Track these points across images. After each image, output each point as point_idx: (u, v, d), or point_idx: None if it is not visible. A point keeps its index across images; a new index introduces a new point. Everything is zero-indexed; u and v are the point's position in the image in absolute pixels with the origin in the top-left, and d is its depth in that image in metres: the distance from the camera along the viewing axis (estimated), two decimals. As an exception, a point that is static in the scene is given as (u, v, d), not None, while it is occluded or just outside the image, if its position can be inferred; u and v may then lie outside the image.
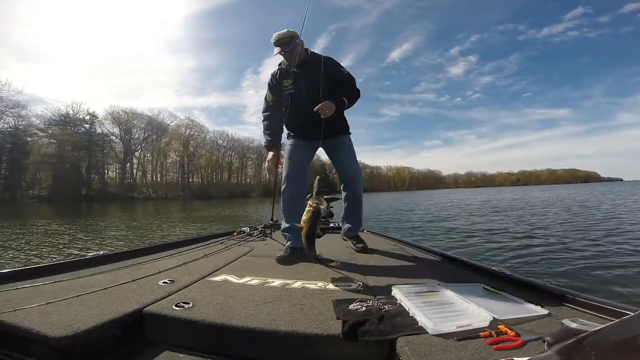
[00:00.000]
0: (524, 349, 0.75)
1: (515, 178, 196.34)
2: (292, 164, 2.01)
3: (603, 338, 0.43)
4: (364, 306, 1.02)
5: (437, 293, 1.16)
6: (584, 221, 8.40)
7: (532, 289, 1.22)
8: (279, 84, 2.02)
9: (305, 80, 1.94)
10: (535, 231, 7.04)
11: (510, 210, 12.57)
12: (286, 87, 1.99)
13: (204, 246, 2.17)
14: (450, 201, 22.60)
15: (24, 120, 43.11)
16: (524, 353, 0.73)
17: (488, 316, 0.91)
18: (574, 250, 4.98)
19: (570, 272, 3.85)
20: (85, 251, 5.26)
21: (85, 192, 45.74)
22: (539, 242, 5.83)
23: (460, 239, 6.43)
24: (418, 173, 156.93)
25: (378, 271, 1.57)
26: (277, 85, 2.04)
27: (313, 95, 1.88)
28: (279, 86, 2.02)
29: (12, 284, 1.19)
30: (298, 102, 1.97)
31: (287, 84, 1.99)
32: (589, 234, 6.43)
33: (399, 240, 2.56)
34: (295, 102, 1.98)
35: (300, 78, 1.95)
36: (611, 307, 0.95)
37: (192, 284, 1.29)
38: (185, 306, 1.02)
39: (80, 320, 0.87)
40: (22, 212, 17.54)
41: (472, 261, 1.70)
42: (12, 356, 0.82)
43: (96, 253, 1.75)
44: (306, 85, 1.94)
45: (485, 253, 5.00)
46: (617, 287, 3.24)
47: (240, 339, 0.90)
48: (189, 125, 62.57)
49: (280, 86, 2.02)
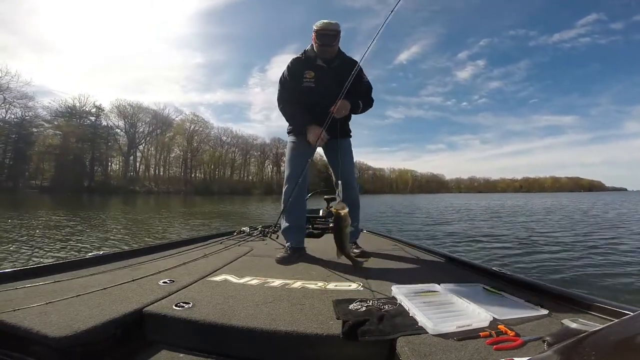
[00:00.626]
0: (524, 349, 0.75)
1: (519, 185, 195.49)
2: (294, 162, 1.96)
3: (603, 338, 0.43)
4: (364, 306, 1.02)
5: (437, 293, 1.16)
6: (585, 227, 8.43)
7: (532, 289, 1.22)
8: (300, 73, 1.88)
9: (330, 78, 1.84)
10: (536, 235, 7.05)
11: (514, 217, 12.54)
12: (307, 79, 1.86)
13: (203, 246, 2.17)
14: (452, 205, 22.59)
15: (31, 112, 43.70)
16: (524, 353, 0.73)
17: (488, 316, 0.91)
18: (574, 252, 4.98)
19: (570, 272, 3.85)
20: (82, 250, 5.23)
21: (87, 184, 45.90)
22: (539, 245, 5.83)
23: (466, 243, 6.40)
24: (421, 176, 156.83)
25: (378, 271, 1.57)
26: (296, 74, 1.88)
27: (332, 94, 1.78)
28: (299, 75, 1.88)
29: (11, 284, 1.19)
30: (314, 97, 1.87)
31: (308, 76, 1.86)
32: (589, 238, 6.44)
33: (399, 240, 2.57)
34: (311, 96, 1.87)
35: (325, 74, 1.86)
36: (611, 307, 0.95)
37: (192, 284, 1.29)
38: (185, 306, 1.02)
39: (80, 320, 0.87)
40: (21, 203, 17.51)
41: (472, 261, 1.70)
42: (12, 356, 0.82)
43: (96, 253, 1.75)
44: (329, 84, 1.83)
45: (485, 256, 5.00)
46: (617, 287, 3.24)
47: (240, 339, 0.90)
48: (193, 120, 63.23)
49: (300, 75, 1.88)
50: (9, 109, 41.01)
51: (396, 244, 2.40)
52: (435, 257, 1.94)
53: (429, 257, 1.95)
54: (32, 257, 4.73)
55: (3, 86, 39.62)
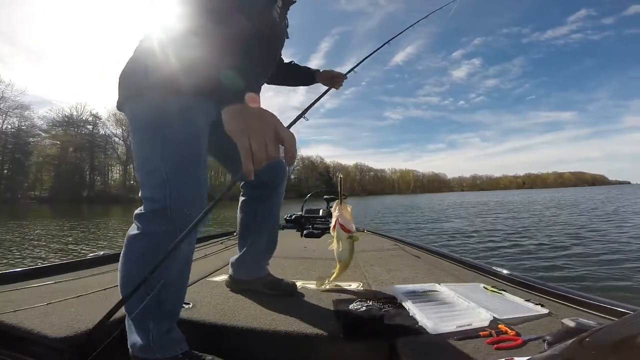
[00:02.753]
0: (524, 348, 0.75)
1: (521, 181, 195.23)
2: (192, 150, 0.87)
3: (603, 338, 0.43)
4: (364, 306, 1.02)
5: (437, 293, 1.16)
6: (588, 222, 8.42)
7: (532, 288, 1.22)
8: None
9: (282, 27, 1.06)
10: (537, 233, 7.05)
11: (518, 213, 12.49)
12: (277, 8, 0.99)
13: (203, 246, 2.17)
14: (465, 203, 22.45)
15: (27, 121, 43.68)
16: (524, 353, 0.73)
17: (488, 316, 0.91)
18: (574, 253, 4.98)
19: (571, 272, 3.85)
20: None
21: (86, 194, 45.79)
22: (538, 243, 5.83)
23: (465, 241, 6.42)
24: (423, 176, 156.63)
25: (378, 271, 1.57)
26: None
27: (281, 44, 1.12)
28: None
29: (12, 285, 1.19)
30: (273, 44, 1.07)
31: (279, 4, 0.99)
32: (590, 235, 6.43)
33: (399, 240, 2.56)
34: (271, 37, 1.02)
35: (282, 16, 1.04)
36: (611, 307, 0.95)
37: (192, 284, 1.29)
38: (185, 306, 1.02)
39: (80, 321, 0.87)
40: (18, 214, 17.48)
41: (472, 261, 1.70)
42: (12, 356, 0.82)
43: (96, 253, 1.76)
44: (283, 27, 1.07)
45: (484, 253, 5.01)
46: (617, 287, 3.24)
47: (240, 339, 0.90)
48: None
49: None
50: (5, 119, 41.05)
51: (396, 244, 2.40)
52: (435, 256, 1.94)
53: (429, 256, 1.95)
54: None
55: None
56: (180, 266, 0.82)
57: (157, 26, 0.81)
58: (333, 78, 1.33)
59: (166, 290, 0.79)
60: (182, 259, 0.82)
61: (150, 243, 0.79)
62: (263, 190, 1.20)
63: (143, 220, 0.81)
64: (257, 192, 1.21)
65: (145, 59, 0.81)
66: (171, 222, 0.78)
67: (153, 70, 0.79)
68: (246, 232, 1.24)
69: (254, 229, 1.22)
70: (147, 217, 0.81)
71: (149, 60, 0.80)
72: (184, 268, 0.85)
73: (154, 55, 0.78)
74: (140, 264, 0.78)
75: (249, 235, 1.23)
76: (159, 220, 0.79)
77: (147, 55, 0.81)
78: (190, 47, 0.69)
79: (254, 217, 1.22)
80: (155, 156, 0.80)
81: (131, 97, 0.84)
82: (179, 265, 0.81)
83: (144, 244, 0.80)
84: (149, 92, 0.80)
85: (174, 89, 0.78)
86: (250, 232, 1.23)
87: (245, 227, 1.24)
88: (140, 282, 0.69)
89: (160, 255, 0.68)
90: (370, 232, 3.14)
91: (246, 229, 1.24)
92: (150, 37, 0.82)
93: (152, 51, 0.79)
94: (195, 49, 0.68)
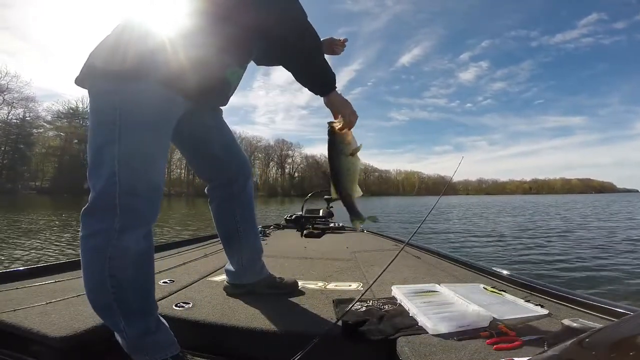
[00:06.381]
0: (524, 349, 0.75)
1: (528, 186, 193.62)
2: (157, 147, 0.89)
3: (603, 338, 0.43)
4: (364, 306, 1.02)
5: (437, 293, 1.16)
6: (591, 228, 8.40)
7: (532, 289, 1.22)
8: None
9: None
10: (539, 236, 7.05)
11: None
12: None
13: (204, 246, 2.17)
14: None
15: (32, 113, 44.08)
16: (524, 353, 0.73)
17: (488, 316, 0.90)
18: (575, 253, 4.98)
19: (571, 272, 3.85)
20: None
21: (87, 186, 46.15)
22: (542, 246, 5.83)
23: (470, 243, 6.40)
24: (428, 178, 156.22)
25: (378, 271, 1.56)
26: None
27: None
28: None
29: (12, 284, 1.19)
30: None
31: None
32: (591, 238, 6.43)
33: (399, 240, 2.57)
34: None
35: None
36: (611, 307, 0.95)
37: (192, 283, 1.29)
38: (185, 306, 1.02)
39: (80, 320, 0.87)
40: (15, 204, 17.42)
41: (472, 261, 1.70)
42: (12, 356, 0.82)
43: None
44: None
45: (485, 256, 5.00)
46: (617, 287, 3.24)
47: (240, 339, 0.90)
48: (197, 122, 62.96)
49: None
50: (10, 110, 41.37)
51: (396, 244, 2.40)
52: (435, 256, 1.94)
53: (429, 256, 1.95)
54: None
55: (2, 87, 39.85)
56: (135, 264, 0.78)
57: (166, 22, 0.82)
58: (332, 44, 1.25)
59: (125, 290, 0.77)
60: (134, 256, 0.78)
61: (97, 243, 0.76)
62: (233, 186, 1.14)
63: (89, 218, 0.78)
64: (227, 191, 1.14)
65: (119, 38, 0.80)
66: (117, 217, 0.75)
67: (127, 51, 0.77)
68: (229, 237, 1.17)
69: (237, 232, 1.16)
70: (93, 214, 0.77)
71: (123, 39, 0.79)
72: (143, 264, 0.81)
73: (137, 39, 0.78)
74: (91, 267, 0.77)
75: (235, 240, 1.16)
76: (103, 218, 0.75)
77: (122, 35, 0.80)
78: (195, 45, 0.82)
79: (232, 218, 1.15)
80: (111, 140, 0.75)
81: (97, 75, 0.79)
82: (133, 262, 0.78)
83: (91, 245, 0.77)
84: (119, 73, 0.77)
85: (144, 73, 0.77)
86: (234, 236, 1.16)
87: (226, 231, 1.18)
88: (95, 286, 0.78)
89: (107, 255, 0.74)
90: (369, 232, 3.14)
91: (227, 234, 1.17)
92: (136, 22, 0.82)
93: (137, 35, 0.79)
94: (198, 48, 0.83)
